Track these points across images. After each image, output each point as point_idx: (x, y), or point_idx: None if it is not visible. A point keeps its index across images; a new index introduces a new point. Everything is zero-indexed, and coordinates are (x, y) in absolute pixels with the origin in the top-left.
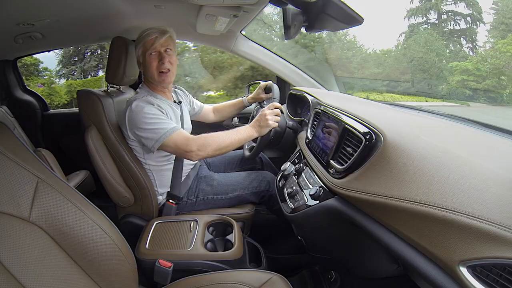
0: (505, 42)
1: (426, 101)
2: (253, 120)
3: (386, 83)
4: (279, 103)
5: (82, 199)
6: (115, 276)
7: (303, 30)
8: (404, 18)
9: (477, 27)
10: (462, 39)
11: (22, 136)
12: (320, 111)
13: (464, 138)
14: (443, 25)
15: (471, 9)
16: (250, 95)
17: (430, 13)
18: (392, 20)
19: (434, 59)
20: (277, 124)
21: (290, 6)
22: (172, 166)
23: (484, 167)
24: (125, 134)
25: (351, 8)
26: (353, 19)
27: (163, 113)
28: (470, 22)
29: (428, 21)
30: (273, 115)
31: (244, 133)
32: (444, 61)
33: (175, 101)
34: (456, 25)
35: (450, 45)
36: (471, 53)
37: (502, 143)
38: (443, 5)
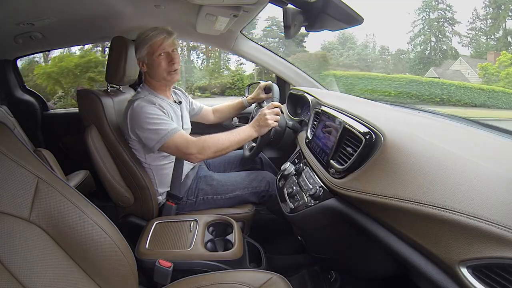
0: None
1: None
2: (253, 120)
3: None
4: (279, 102)
5: (82, 199)
6: (115, 276)
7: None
8: None
9: None
10: None
11: (22, 136)
12: (320, 111)
13: (464, 138)
14: None
15: None
16: (250, 96)
17: None
18: None
19: None
20: (276, 123)
21: (290, 6)
22: (172, 165)
23: (484, 167)
24: (126, 134)
25: (351, 8)
26: (353, 19)
27: (164, 113)
28: None
29: None
30: (272, 115)
31: (243, 134)
32: None
33: (175, 101)
34: None
35: None
36: None
37: (502, 143)
38: None
